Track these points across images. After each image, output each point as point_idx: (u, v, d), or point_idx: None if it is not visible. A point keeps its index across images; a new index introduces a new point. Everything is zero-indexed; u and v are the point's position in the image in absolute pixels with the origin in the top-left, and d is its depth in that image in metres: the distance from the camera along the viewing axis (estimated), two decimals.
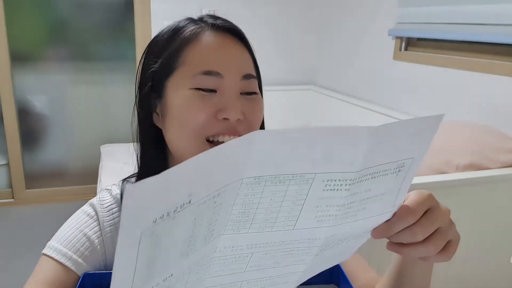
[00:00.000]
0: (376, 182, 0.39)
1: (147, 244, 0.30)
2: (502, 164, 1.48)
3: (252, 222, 0.37)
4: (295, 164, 0.34)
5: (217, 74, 0.58)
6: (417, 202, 0.43)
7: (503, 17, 1.69)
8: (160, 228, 0.30)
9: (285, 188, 0.36)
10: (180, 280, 0.36)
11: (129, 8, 2.86)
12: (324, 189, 0.37)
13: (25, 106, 2.88)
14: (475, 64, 1.86)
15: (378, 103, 2.50)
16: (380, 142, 0.36)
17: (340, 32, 2.93)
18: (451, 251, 0.46)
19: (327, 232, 0.41)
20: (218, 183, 0.32)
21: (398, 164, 0.40)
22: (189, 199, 0.31)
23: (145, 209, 0.28)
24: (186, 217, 0.31)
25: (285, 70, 3.19)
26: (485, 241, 1.47)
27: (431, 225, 0.43)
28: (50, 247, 0.62)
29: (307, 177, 0.35)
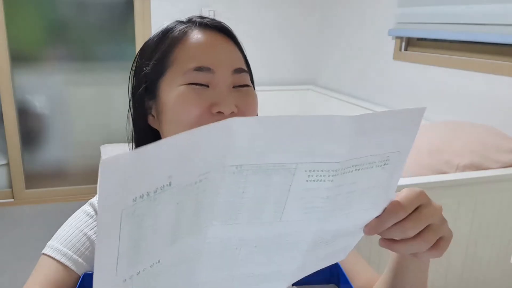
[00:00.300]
0: (362, 175, 0.39)
1: (128, 225, 0.30)
2: (502, 164, 1.48)
3: (239, 213, 0.37)
4: (276, 153, 0.34)
5: (208, 70, 0.59)
6: (408, 198, 0.44)
7: (503, 17, 1.69)
8: (141, 209, 0.30)
9: (268, 178, 0.35)
10: (170, 270, 0.36)
11: (129, 8, 2.86)
12: (308, 180, 0.36)
13: (25, 106, 2.88)
14: (475, 64, 1.86)
15: (378, 103, 2.50)
16: (364, 133, 0.36)
17: (340, 32, 2.93)
18: (443, 247, 0.46)
19: (316, 226, 0.40)
20: (199, 168, 0.32)
21: (383, 157, 0.39)
22: (169, 181, 0.31)
23: (124, 185, 0.28)
24: (168, 201, 0.31)
25: (285, 70, 3.19)
26: (485, 241, 1.47)
27: (422, 221, 0.43)
28: (50, 247, 0.62)
29: (289, 167, 0.35)
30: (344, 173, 0.38)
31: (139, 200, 0.30)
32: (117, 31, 2.95)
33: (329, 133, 0.34)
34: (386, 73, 2.45)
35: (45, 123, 2.95)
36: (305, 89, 3.21)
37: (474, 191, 1.41)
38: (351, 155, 0.37)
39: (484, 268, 1.51)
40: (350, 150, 0.36)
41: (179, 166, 0.31)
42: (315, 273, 0.60)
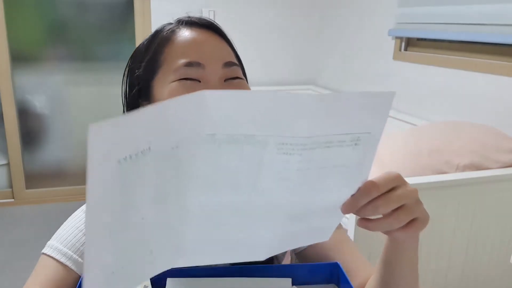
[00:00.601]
0: (332, 152, 0.41)
1: (115, 181, 0.34)
2: (502, 164, 1.48)
3: (216, 179, 0.39)
4: (247, 126, 0.37)
5: (198, 65, 0.59)
6: (382, 179, 0.45)
7: (503, 17, 1.69)
8: (126, 168, 0.34)
9: (240, 148, 0.38)
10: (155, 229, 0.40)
11: (129, 8, 2.87)
12: (278, 152, 0.39)
13: (25, 106, 2.89)
14: (475, 64, 1.86)
15: None
16: (330, 111, 0.39)
17: (340, 32, 2.93)
18: (416, 227, 0.48)
19: (290, 197, 0.43)
20: (175, 135, 0.35)
21: (353, 137, 0.41)
22: (149, 146, 0.35)
23: (109, 147, 0.33)
24: (149, 164, 0.35)
25: (285, 70, 3.19)
26: (485, 241, 1.47)
27: (394, 200, 0.45)
28: (50, 246, 0.62)
29: (259, 139, 0.38)
30: (313, 148, 0.40)
31: (123, 161, 0.34)
32: (117, 31, 2.95)
33: (296, 109, 0.37)
34: (386, 73, 2.45)
35: (45, 123, 2.95)
36: (305, 89, 3.21)
37: (474, 191, 1.41)
38: (318, 132, 0.39)
39: (484, 268, 1.51)
40: (316, 127, 0.39)
41: (157, 132, 0.35)
42: (315, 273, 0.61)
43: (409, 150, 1.52)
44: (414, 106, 2.23)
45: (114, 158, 0.33)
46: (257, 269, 0.60)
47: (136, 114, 0.33)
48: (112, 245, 0.38)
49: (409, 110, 2.26)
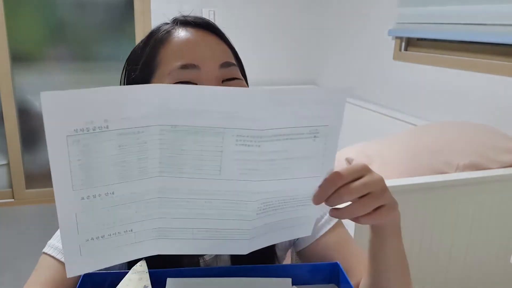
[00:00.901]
0: (292, 144, 0.44)
1: (75, 150, 0.38)
2: (502, 164, 1.48)
3: (182, 167, 0.43)
4: (205, 118, 0.40)
5: (194, 67, 0.58)
6: (347, 169, 0.48)
7: (503, 17, 1.69)
8: (85, 140, 0.38)
9: (201, 139, 0.41)
10: (129, 206, 0.43)
11: (129, 8, 2.87)
12: (236, 143, 0.42)
13: (26, 106, 2.89)
14: (475, 64, 1.86)
15: (378, 103, 2.50)
16: (284, 105, 0.41)
17: (340, 32, 2.93)
18: (382, 214, 0.49)
19: (257, 188, 0.45)
20: (136, 121, 0.39)
21: (311, 130, 0.44)
22: (106, 124, 0.38)
23: (63, 116, 0.36)
24: (109, 140, 0.39)
25: (286, 70, 3.19)
26: (485, 241, 1.47)
27: (358, 188, 0.47)
28: (50, 245, 0.63)
29: (217, 130, 0.41)
30: (272, 140, 0.43)
31: (80, 131, 0.37)
32: (117, 31, 2.95)
33: (251, 104, 0.40)
34: (386, 73, 2.45)
35: None
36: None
37: (474, 191, 1.41)
38: (273, 125, 0.42)
39: (484, 268, 1.51)
40: (271, 120, 0.42)
41: (115, 114, 0.38)
42: (315, 273, 0.61)
43: (409, 150, 1.52)
44: (414, 106, 2.23)
45: (70, 127, 0.37)
46: (257, 269, 0.60)
47: (93, 91, 0.36)
48: (83, 212, 0.41)
49: (409, 110, 2.26)
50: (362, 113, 2.56)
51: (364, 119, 2.54)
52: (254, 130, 0.41)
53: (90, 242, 0.43)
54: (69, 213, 0.41)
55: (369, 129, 2.49)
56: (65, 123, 0.36)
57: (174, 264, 0.62)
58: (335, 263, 0.61)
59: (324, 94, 0.44)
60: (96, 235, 0.43)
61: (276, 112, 0.41)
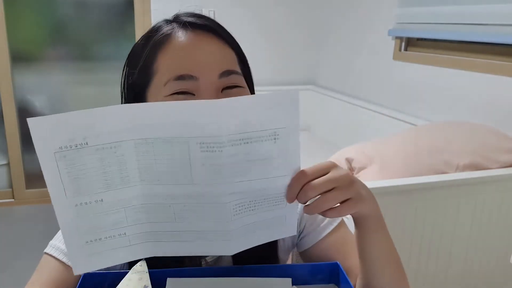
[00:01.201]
0: (253, 147, 0.47)
1: (64, 165, 0.44)
2: (502, 164, 1.48)
3: (159, 174, 0.47)
4: (169, 129, 0.45)
5: (191, 78, 0.56)
6: (313, 167, 0.50)
7: (503, 17, 1.69)
8: (70, 155, 0.44)
9: (171, 148, 0.46)
10: (117, 212, 0.48)
11: (129, 8, 2.87)
12: (201, 150, 0.46)
13: (26, 106, 2.89)
14: (475, 64, 1.86)
15: (378, 103, 2.50)
16: (235, 112, 0.45)
17: (340, 32, 2.93)
18: (347, 207, 0.51)
19: (226, 189, 0.48)
20: (110, 136, 0.44)
21: (270, 133, 0.48)
22: (86, 141, 0.44)
23: (48, 136, 0.43)
24: (90, 154, 0.44)
25: (285, 70, 3.19)
26: (485, 241, 1.48)
27: (321, 184, 0.48)
28: (52, 246, 0.63)
29: (182, 140, 0.45)
30: (234, 145, 0.46)
31: (64, 148, 0.43)
32: (117, 31, 2.95)
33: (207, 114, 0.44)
34: (386, 73, 2.45)
35: None
36: (305, 89, 3.21)
37: (474, 191, 1.41)
38: (230, 131, 0.45)
39: (484, 268, 1.51)
40: (226, 127, 0.45)
41: (91, 132, 0.44)
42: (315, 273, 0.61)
43: (409, 150, 1.52)
44: (414, 106, 2.23)
45: (56, 145, 0.43)
46: (257, 269, 0.61)
47: (71, 114, 0.43)
48: (78, 218, 0.47)
49: (409, 110, 2.26)
50: (362, 113, 2.56)
51: (364, 119, 2.54)
52: (215, 137, 0.45)
53: (89, 244, 0.48)
54: (67, 218, 0.46)
55: (369, 129, 2.49)
56: (51, 142, 0.43)
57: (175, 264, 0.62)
58: (335, 263, 0.61)
59: (274, 99, 0.47)
60: (94, 238, 0.48)
61: (230, 119, 0.45)
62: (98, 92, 2.98)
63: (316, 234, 0.72)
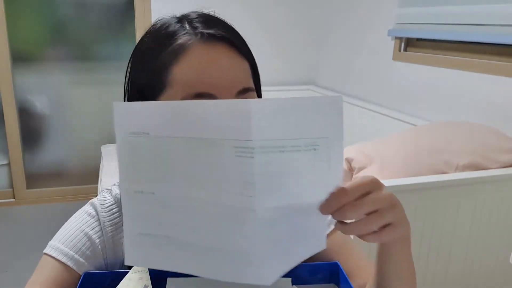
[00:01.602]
0: (288, 157, 0.43)
1: (130, 148, 0.46)
2: (502, 164, 1.48)
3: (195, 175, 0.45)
4: (205, 130, 0.43)
5: (209, 96, 0.55)
6: (355, 185, 0.45)
7: (502, 17, 1.69)
8: (134, 141, 0.46)
9: (206, 149, 0.43)
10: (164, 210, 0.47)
11: (129, 8, 2.87)
12: (235, 155, 0.42)
13: (26, 106, 2.89)
14: (475, 64, 1.86)
15: (378, 104, 2.50)
16: (275, 116, 0.41)
17: (340, 32, 2.93)
18: (388, 233, 0.47)
19: (256, 200, 0.43)
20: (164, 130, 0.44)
21: (308, 142, 0.43)
22: (148, 131, 0.45)
23: (123, 121, 0.46)
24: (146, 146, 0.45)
25: (285, 71, 3.19)
26: (485, 241, 1.48)
27: (364, 206, 0.45)
28: (51, 246, 0.63)
29: (217, 142, 0.43)
30: (266, 152, 0.42)
31: (128, 136, 0.46)
32: (117, 31, 2.96)
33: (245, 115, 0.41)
34: (385, 74, 2.45)
35: (45, 123, 2.95)
36: (305, 89, 3.21)
37: (474, 191, 1.41)
38: (266, 136, 0.42)
39: (484, 268, 1.51)
40: (263, 131, 0.41)
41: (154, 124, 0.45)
42: (315, 273, 0.61)
43: (409, 150, 1.52)
44: (414, 106, 2.23)
45: (128, 130, 0.46)
46: None
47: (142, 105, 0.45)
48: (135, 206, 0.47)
49: (409, 110, 2.26)
50: (362, 113, 2.56)
51: (364, 119, 2.54)
52: (247, 141, 0.41)
53: (140, 237, 0.48)
54: (127, 202, 0.47)
55: (369, 129, 2.49)
56: (124, 126, 0.46)
57: None
58: (335, 263, 0.61)
59: (314, 104, 0.43)
60: (144, 231, 0.48)
61: (270, 123, 0.41)
62: (98, 92, 2.98)
63: None
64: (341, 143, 0.44)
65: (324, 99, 0.42)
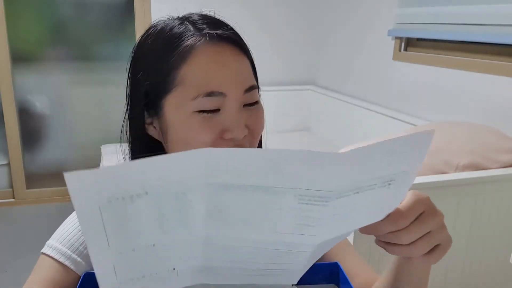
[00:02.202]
0: (362, 197, 0.40)
1: (109, 215, 0.36)
2: (502, 164, 1.48)
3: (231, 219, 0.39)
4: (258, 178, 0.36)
5: (220, 94, 0.56)
6: (410, 207, 0.44)
7: (503, 17, 1.69)
8: (120, 206, 0.35)
9: (257, 197, 0.37)
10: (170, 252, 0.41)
11: (129, 8, 2.87)
12: (299, 202, 0.38)
13: (26, 106, 2.89)
14: (475, 64, 1.86)
15: (378, 104, 2.50)
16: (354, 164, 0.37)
17: (340, 32, 2.93)
18: (438, 254, 0.48)
19: (315, 240, 0.42)
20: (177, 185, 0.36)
21: (386, 179, 0.40)
22: (145, 191, 0.36)
23: (93, 191, 0.34)
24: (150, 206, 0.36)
25: (285, 70, 3.19)
26: (485, 241, 1.48)
27: (418, 230, 0.44)
28: (49, 246, 0.63)
29: (276, 190, 0.37)
30: (341, 197, 0.39)
31: (114, 201, 0.35)
32: (117, 31, 2.95)
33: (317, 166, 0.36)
34: (385, 74, 2.45)
35: (45, 123, 2.95)
36: (305, 89, 3.21)
37: (474, 191, 1.41)
38: (343, 185, 0.38)
39: (484, 268, 1.51)
40: (341, 181, 0.38)
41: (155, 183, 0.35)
42: (315, 273, 0.61)
43: None
44: (414, 106, 2.23)
45: (97, 201, 0.35)
46: None
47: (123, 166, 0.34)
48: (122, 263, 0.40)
49: (409, 110, 2.26)
50: (362, 113, 2.56)
51: (364, 119, 2.54)
52: (323, 191, 0.38)
53: (130, 281, 0.42)
54: (106, 264, 0.39)
55: (369, 129, 2.49)
56: (97, 196, 0.35)
57: None
58: (335, 263, 0.61)
59: (405, 145, 0.39)
60: (137, 276, 0.42)
61: (348, 172, 0.38)
62: (98, 92, 2.98)
63: None
64: (416, 173, 0.42)
65: (417, 136, 0.39)
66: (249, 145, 0.60)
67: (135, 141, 0.64)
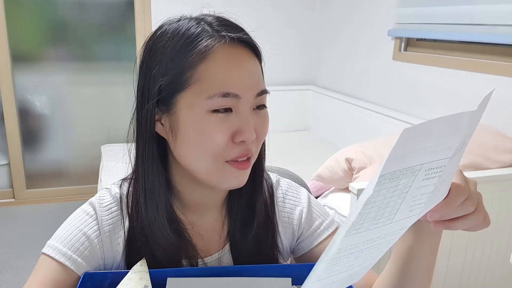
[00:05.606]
0: (451, 164, 0.42)
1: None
2: (502, 164, 1.48)
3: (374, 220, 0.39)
4: (410, 158, 0.36)
5: (235, 96, 0.57)
6: (463, 179, 0.48)
7: (502, 17, 1.69)
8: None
9: (397, 183, 0.37)
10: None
11: (129, 8, 2.87)
12: (424, 178, 0.39)
13: (26, 106, 2.89)
14: (475, 64, 1.86)
15: (378, 103, 2.50)
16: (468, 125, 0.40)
17: (340, 32, 2.93)
18: (488, 217, 0.51)
19: (413, 221, 0.44)
20: None
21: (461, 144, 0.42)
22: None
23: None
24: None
25: (285, 70, 3.19)
26: (485, 241, 1.48)
27: (476, 197, 0.48)
28: (49, 246, 0.62)
29: (415, 168, 0.37)
30: (448, 165, 0.40)
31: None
32: (117, 31, 2.95)
33: (452, 130, 0.38)
34: (385, 73, 2.46)
35: (45, 123, 2.95)
36: (305, 89, 3.21)
37: None
38: (459, 146, 0.40)
39: (483, 268, 1.51)
40: (461, 142, 0.40)
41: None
42: None
43: None
44: (414, 106, 2.23)
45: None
46: (257, 269, 0.61)
47: None
48: None
49: (409, 110, 2.26)
50: (362, 113, 2.56)
51: (364, 119, 2.54)
52: (444, 159, 0.39)
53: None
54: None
55: (369, 129, 2.49)
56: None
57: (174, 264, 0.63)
58: None
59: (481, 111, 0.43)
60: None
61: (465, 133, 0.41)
62: (98, 92, 2.98)
63: (312, 239, 0.72)
64: None
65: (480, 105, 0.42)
66: (255, 149, 0.61)
67: (142, 136, 0.62)
